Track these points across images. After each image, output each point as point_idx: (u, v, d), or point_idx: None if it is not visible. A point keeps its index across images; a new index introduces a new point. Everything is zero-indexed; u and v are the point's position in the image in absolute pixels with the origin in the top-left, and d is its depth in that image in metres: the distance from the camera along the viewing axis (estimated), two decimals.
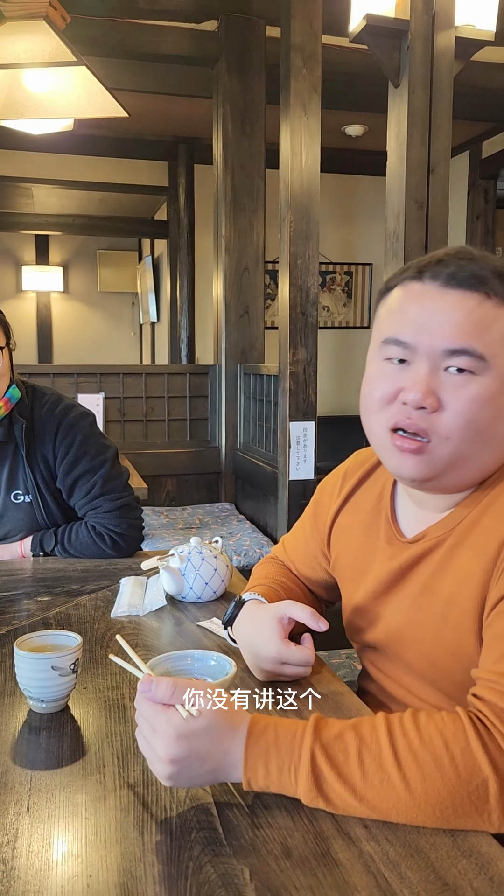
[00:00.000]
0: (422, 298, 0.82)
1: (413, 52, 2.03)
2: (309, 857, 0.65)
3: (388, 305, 0.87)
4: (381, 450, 0.88)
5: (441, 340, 0.80)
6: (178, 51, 3.62)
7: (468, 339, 0.79)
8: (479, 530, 0.83)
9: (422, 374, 0.81)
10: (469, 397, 0.79)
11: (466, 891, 0.61)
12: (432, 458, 0.82)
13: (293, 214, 2.66)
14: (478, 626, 0.81)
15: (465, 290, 0.80)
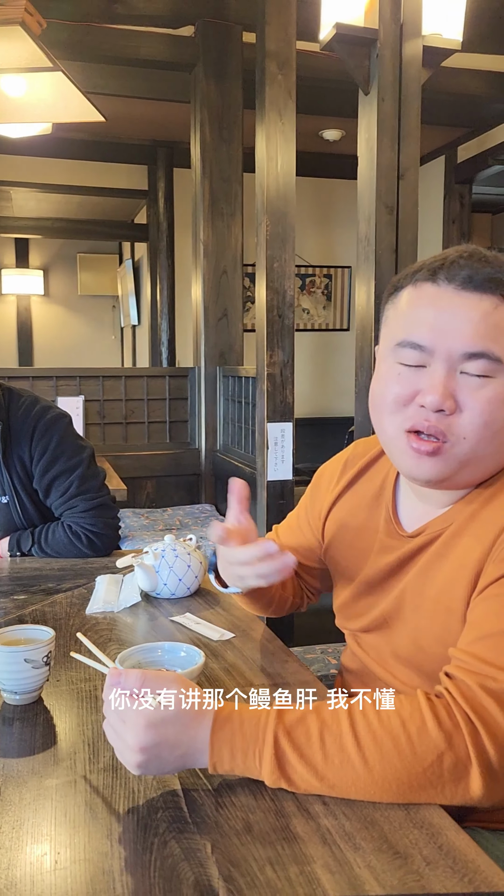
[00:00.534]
0: (437, 300, 0.82)
1: (382, 60, 2.07)
2: (269, 832, 0.69)
3: (399, 306, 0.87)
4: (395, 450, 0.88)
5: (459, 343, 0.80)
6: (155, 55, 3.65)
7: (486, 342, 0.80)
8: (478, 521, 0.85)
9: (439, 376, 0.81)
10: (486, 399, 0.81)
11: (416, 858, 0.64)
12: (448, 458, 0.83)
13: (269, 218, 2.70)
14: (466, 611, 0.83)
15: (482, 293, 0.80)
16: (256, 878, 0.63)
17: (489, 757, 0.70)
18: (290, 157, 2.69)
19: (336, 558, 1.09)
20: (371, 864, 0.64)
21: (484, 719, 0.71)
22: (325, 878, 0.62)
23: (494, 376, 0.81)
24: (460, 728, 0.71)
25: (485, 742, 0.70)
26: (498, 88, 4.25)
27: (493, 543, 0.82)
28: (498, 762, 0.70)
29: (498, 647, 0.74)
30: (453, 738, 0.70)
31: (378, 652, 0.99)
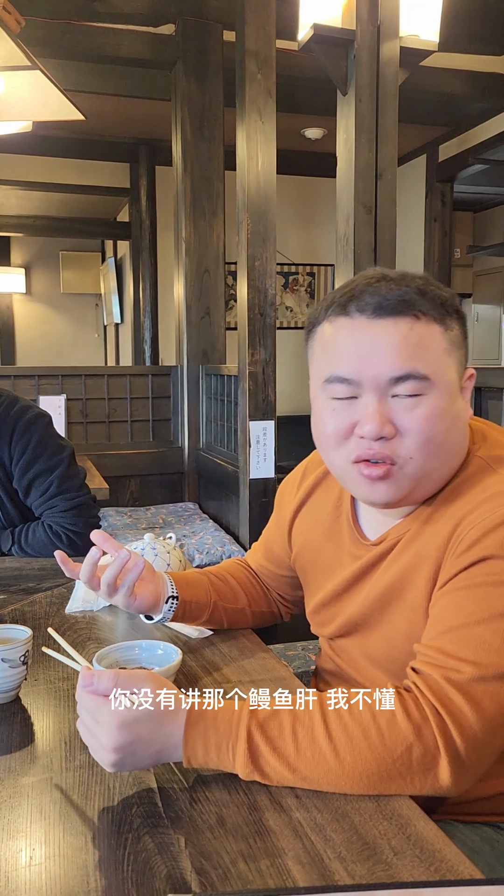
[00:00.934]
0: (354, 332, 0.83)
1: (359, 61, 2.09)
2: (242, 826, 0.70)
3: (320, 343, 0.89)
4: (348, 480, 0.89)
5: (384, 370, 0.82)
6: (135, 54, 3.65)
7: (409, 363, 0.81)
8: (433, 520, 0.87)
9: (372, 405, 0.83)
10: (423, 417, 0.82)
11: (385, 849, 0.66)
12: (400, 479, 0.85)
13: (250, 217, 2.70)
14: (428, 606, 0.85)
15: (395, 316, 0.82)
16: (228, 870, 0.64)
17: (457, 747, 0.72)
18: (270, 156, 2.70)
19: (304, 567, 1.11)
20: (341, 854, 0.65)
21: (451, 711, 0.73)
22: (296, 869, 0.64)
23: (425, 393, 0.82)
24: (428, 720, 0.72)
25: (452, 733, 0.72)
26: (477, 87, 4.28)
27: (448, 539, 0.84)
28: (465, 752, 0.72)
29: (460, 640, 0.76)
30: (422, 729, 0.72)
31: (350, 655, 1.01)
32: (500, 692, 0.73)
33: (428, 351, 0.82)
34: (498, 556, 0.77)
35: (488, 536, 0.78)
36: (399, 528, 0.92)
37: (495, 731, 0.73)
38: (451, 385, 0.85)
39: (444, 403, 0.83)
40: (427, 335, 0.83)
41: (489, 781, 0.85)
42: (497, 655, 0.74)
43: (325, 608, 1.04)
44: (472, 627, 0.76)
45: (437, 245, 5.47)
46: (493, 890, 0.57)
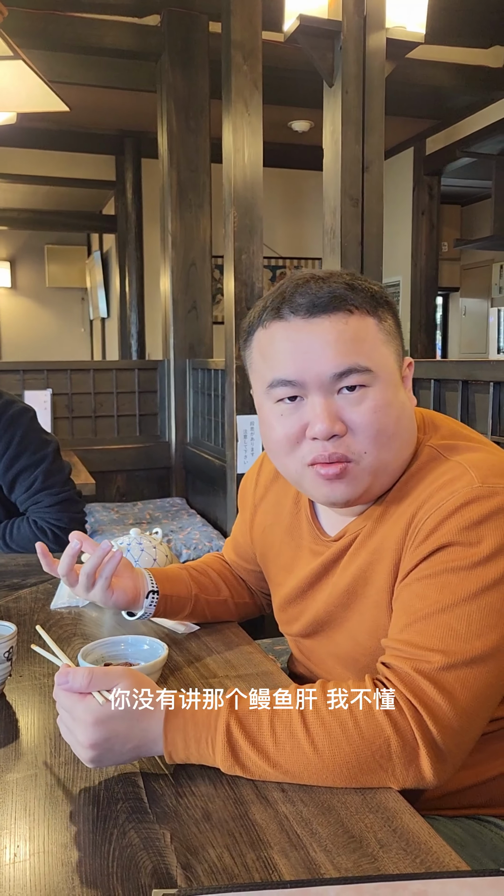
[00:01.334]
0: (291, 334, 0.83)
1: (346, 52, 2.08)
2: (227, 820, 0.69)
3: (258, 349, 0.88)
4: (305, 483, 0.88)
5: (325, 367, 0.82)
6: (120, 45, 3.62)
7: (350, 357, 0.81)
8: (390, 514, 0.88)
9: (320, 405, 0.83)
10: (371, 409, 0.82)
11: (371, 841, 0.66)
12: (357, 475, 0.85)
13: (237, 210, 2.69)
14: (390, 599, 0.86)
15: (329, 313, 0.82)
16: (214, 864, 0.64)
17: (434, 738, 0.72)
18: (257, 148, 2.69)
19: (267, 564, 1.11)
20: (327, 847, 0.65)
21: (423, 701, 0.73)
22: (282, 862, 0.64)
23: (370, 385, 0.83)
24: (404, 712, 0.73)
25: (428, 724, 0.72)
26: (465, 80, 4.28)
27: (405, 532, 0.84)
28: (443, 742, 0.72)
29: (426, 630, 0.76)
30: (398, 722, 0.72)
31: (318, 656, 1.01)
32: (471, 678, 0.74)
33: (365, 343, 0.83)
34: (455, 543, 0.78)
35: (444, 524, 0.79)
36: (357, 523, 0.92)
37: (470, 718, 0.74)
38: (392, 375, 0.85)
39: (388, 394, 0.84)
40: (362, 328, 0.83)
41: (467, 771, 0.85)
42: (464, 641, 0.74)
43: (290, 606, 1.04)
44: (436, 616, 0.76)
45: (425, 238, 5.48)
46: (480, 881, 0.57)
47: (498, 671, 0.75)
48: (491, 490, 0.78)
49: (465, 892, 0.56)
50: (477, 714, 0.74)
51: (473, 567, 0.76)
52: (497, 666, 0.75)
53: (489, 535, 0.77)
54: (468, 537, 0.77)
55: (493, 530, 0.77)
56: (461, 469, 0.82)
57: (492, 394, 1.63)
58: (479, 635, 0.74)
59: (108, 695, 0.75)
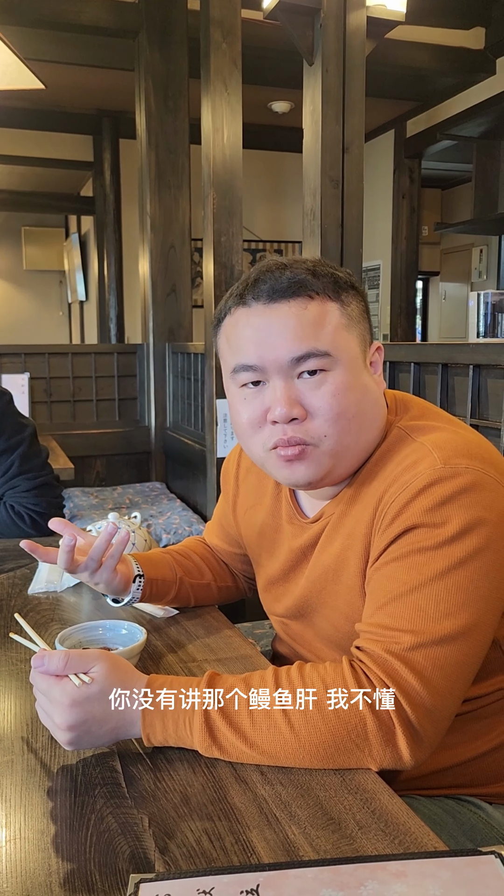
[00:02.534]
0: (252, 319, 0.85)
1: (326, 30, 2.05)
2: (206, 803, 0.69)
3: (224, 336, 0.90)
4: (269, 466, 0.90)
5: (284, 352, 0.83)
6: (98, 21, 3.54)
7: (308, 342, 0.82)
8: (359, 497, 0.88)
9: (279, 388, 0.84)
10: (330, 393, 0.83)
11: (349, 823, 0.66)
12: (318, 457, 0.85)
13: (216, 192, 2.66)
14: (363, 583, 0.86)
15: (289, 298, 0.83)
16: (192, 848, 0.63)
17: (408, 717, 0.72)
18: (236, 128, 2.65)
19: (251, 546, 1.11)
20: (305, 829, 0.65)
21: (397, 682, 0.73)
22: (261, 845, 0.63)
23: (329, 369, 0.83)
24: (381, 694, 0.72)
25: (403, 704, 0.72)
26: (445, 62, 4.26)
27: (373, 516, 0.85)
28: (418, 722, 0.72)
29: (395, 611, 0.77)
30: (375, 703, 0.72)
31: (303, 636, 1.02)
32: (442, 657, 0.74)
33: (325, 328, 0.83)
34: (421, 524, 0.78)
35: (409, 507, 0.79)
36: (331, 506, 0.93)
37: (443, 697, 0.74)
38: (354, 360, 0.86)
39: (349, 378, 0.84)
40: (322, 313, 0.83)
41: (446, 752, 0.86)
42: (433, 621, 0.75)
43: (273, 587, 1.05)
44: (406, 597, 0.76)
45: (405, 222, 5.47)
46: (458, 861, 0.57)
47: (468, 650, 0.75)
48: (453, 470, 0.79)
49: (443, 872, 0.56)
50: (449, 692, 0.75)
51: (440, 547, 0.77)
52: (467, 644, 0.75)
53: (454, 514, 0.77)
54: (433, 518, 0.78)
55: (458, 510, 0.77)
56: (424, 450, 0.82)
57: (471, 377, 1.63)
58: (448, 614, 0.75)
59: (84, 677, 0.75)
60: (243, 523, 1.12)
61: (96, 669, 0.75)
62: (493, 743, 0.90)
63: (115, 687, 0.74)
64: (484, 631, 0.77)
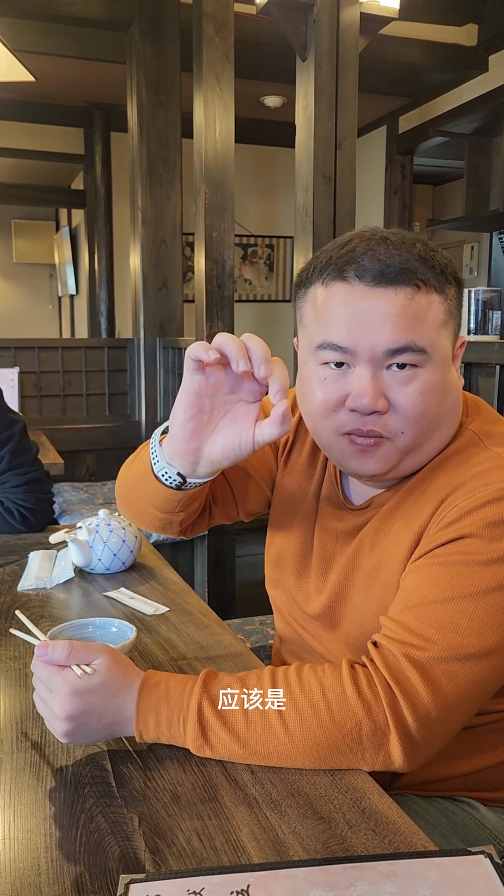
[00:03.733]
0: (352, 300, 0.79)
1: (319, 26, 2.04)
2: (196, 803, 0.69)
3: (313, 305, 0.83)
4: (335, 452, 0.86)
5: (381, 341, 0.78)
6: (89, 14, 3.51)
7: (408, 335, 0.78)
8: (422, 488, 0.85)
9: (366, 378, 0.79)
10: (416, 391, 0.79)
11: (339, 822, 0.66)
12: (390, 451, 0.82)
13: (208, 186, 2.65)
14: (400, 580, 0.83)
15: (396, 285, 0.78)
16: (183, 848, 0.63)
17: (408, 725, 0.71)
18: (228, 123, 2.64)
19: (279, 512, 1.05)
20: (296, 829, 0.65)
21: (405, 688, 0.72)
22: (251, 845, 0.63)
23: (421, 366, 0.79)
24: (379, 697, 0.72)
25: (403, 711, 0.71)
26: (438, 58, 4.25)
27: (433, 513, 0.81)
28: (417, 730, 0.71)
29: (427, 616, 0.75)
30: (372, 706, 0.71)
31: (323, 640, 0.97)
32: (460, 673, 0.73)
33: (426, 322, 0.79)
34: (476, 536, 0.76)
35: (470, 515, 0.77)
36: (384, 496, 0.89)
37: (451, 711, 0.73)
38: (445, 357, 0.82)
39: (437, 377, 0.80)
40: (426, 306, 0.79)
41: (452, 762, 0.86)
42: (461, 636, 0.73)
43: (301, 578, 0.99)
44: (440, 605, 0.74)
45: (397, 218, 5.46)
46: (448, 861, 0.57)
47: (489, 672, 0.74)
48: None
49: (433, 872, 0.56)
50: (458, 709, 0.73)
51: (489, 564, 0.74)
52: (489, 666, 0.74)
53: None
54: (492, 533, 0.75)
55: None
56: (500, 461, 0.79)
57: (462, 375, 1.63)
58: (479, 633, 0.73)
59: (86, 668, 0.74)
60: (281, 485, 1.03)
61: (99, 661, 0.75)
62: (500, 757, 0.89)
63: (116, 680, 0.74)
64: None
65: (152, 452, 0.89)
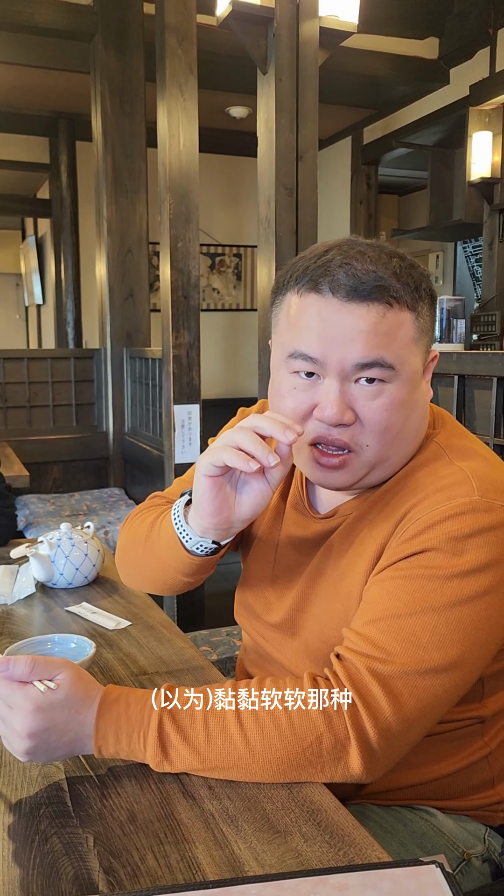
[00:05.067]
0: (324, 313, 0.80)
1: (279, 40, 2.06)
2: (153, 820, 0.69)
3: (287, 313, 0.84)
4: (302, 461, 0.87)
5: (350, 356, 0.79)
6: (52, 23, 3.50)
7: (377, 351, 0.79)
8: (383, 504, 0.85)
9: (334, 390, 0.80)
10: (383, 406, 0.80)
11: (295, 836, 0.66)
12: (355, 467, 0.83)
13: (172, 197, 2.65)
14: (362, 591, 0.84)
15: (370, 302, 0.79)
16: (137, 867, 0.63)
17: (368, 738, 0.71)
18: (192, 134, 2.64)
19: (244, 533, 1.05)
20: (252, 844, 0.65)
21: (367, 701, 0.72)
22: (206, 861, 0.63)
23: (389, 381, 0.80)
24: (341, 710, 0.72)
25: (365, 723, 0.71)
26: (400, 71, 4.32)
27: (395, 525, 0.82)
28: (378, 743, 0.72)
29: (390, 630, 0.75)
30: (333, 719, 0.72)
31: (285, 650, 0.97)
32: (422, 687, 0.73)
33: (396, 340, 0.80)
34: (439, 550, 0.76)
35: (433, 529, 0.77)
36: (350, 505, 0.90)
37: (412, 724, 0.73)
38: (414, 373, 0.83)
39: (405, 393, 0.81)
40: (398, 323, 0.80)
41: (410, 771, 0.86)
42: (424, 650, 0.74)
43: (262, 587, 0.99)
44: (403, 619, 0.75)
45: (363, 227, 5.52)
46: (399, 872, 0.58)
47: (450, 686, 0.75)
48: (488, 505, 0.77)
49: (385, 884, 0.57)
50: (419, 722, 0.74)
51: (450, 578, 0.75)
52: (450, 680, 0.74)
53: (474, 549, 0.76)
54: (453, 547, 0.76)
55: (479, 546, 0.76)
56: (464, 476, 0.80)
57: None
58: (440, 647, 0.74)
59: (49, 683, 0.73)
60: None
61: (62, 676, 0.74)
62: (457, 765, 0.90)
63: (79, 696, 0.73)
64: (470, 670, 0.76)
65: (181, 532, 0.88)
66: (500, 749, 0.92)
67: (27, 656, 0.75)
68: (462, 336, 4.18)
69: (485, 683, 0.88)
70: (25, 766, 0.77)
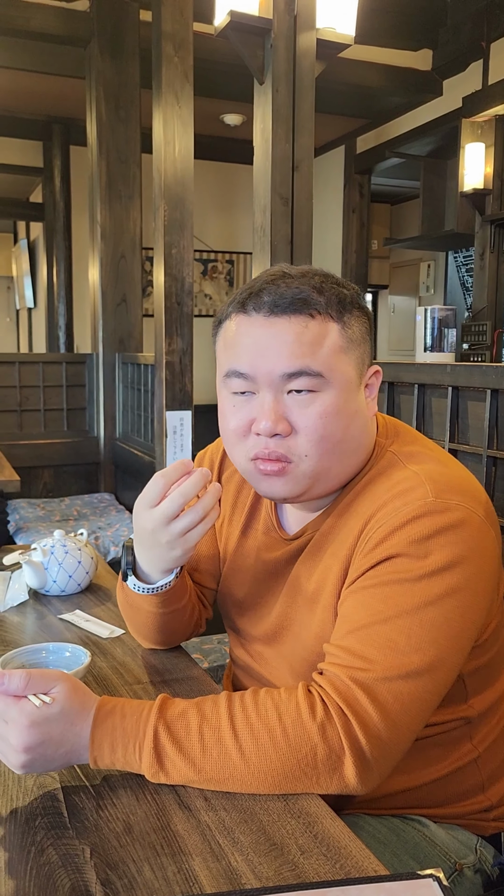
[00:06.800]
0: (251, 329, 0.84)
1: (276, 50, 2.08)
2: (149, 832, 0.69)
3: (222, 339, 0.89)
4: (249, 476, 0.90)
5: (277, 366, 0.82)
6: (48, 29, 3.51)
7: (302, 360, 0.82)
8: (346, 516, 0.88)
9: (267, 402, 0.83)
10: (317, 414, 0.83)
11: (292, 848, 0.66)
12: (296, 476, 0.85)
13: (167, 204, 2.66)
14: (337, 604, 0.86)
15: (290, 315, 0.82)
16: (134, 879, 0.63)
17: (362, 747, 0.72)
18: (187, 141, 2.65)
19: (224, 558, 1.08)
20: (248, 856, 0.65)
21: (355, 710, 0.73)
22: (203, 874, 0.63)
23: (320, 390, 0.83)
24: (333, 720, 0.73)
25: (357, 733, 0.72)
26: (394, 82, 4.35)
27: (358, 537, 0.84)
28: (370, 752, 0.72)
29: (367, 638, 0.77)
30: (326, 730, 0.72)
31: (271, 663, 0.99)
32: (404, 691, 0.74)
33: (322, 349, 0.83)
34: (403, 555, 0.78)
35: (395, 535, 0.79)
36: (316, 522, 0.92)
37: (399, 729, 0.74)
38: (348, 383, 0.85)
39: (339, 401, 0.84)
40: (321, 332, 0.83)
41: (400, 777, 0.87)
42: (402, 655, 0.75)
43: (247, 607, 1.02)
44: (378, 626, 0.76)
45: (355, 236, 5.55)
46: (396, 885, 0.58)
47: (432, 686, 0.76)
48: (444, 505, 0.79)
49: None
50: (406, 727, 0.75)
51: (418, 580, 0.77)
52: (432, 681, 0.76)
53: (437, 549, 0.77)
54: (416, 550, 0.78)
55: (443, 545, 0.77)
56: (418, 480, 0.82)
57: (416, 395, 1.66)
58: (418, 650, 0.75)
59: (45, 697, 0.73)
60: (222, 533, 1.07)
61: (57, 689, 0.74)
62: (447, 769, 0.90)
63: (74, 709, 0.73)
64: (449, 669, 0.78)
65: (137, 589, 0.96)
66: (488, 753, 0.93)
67: (22, 671, 0.75)
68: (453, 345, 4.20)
69: (466, 683, 0.89)
70: (21, 776, 0.77)
